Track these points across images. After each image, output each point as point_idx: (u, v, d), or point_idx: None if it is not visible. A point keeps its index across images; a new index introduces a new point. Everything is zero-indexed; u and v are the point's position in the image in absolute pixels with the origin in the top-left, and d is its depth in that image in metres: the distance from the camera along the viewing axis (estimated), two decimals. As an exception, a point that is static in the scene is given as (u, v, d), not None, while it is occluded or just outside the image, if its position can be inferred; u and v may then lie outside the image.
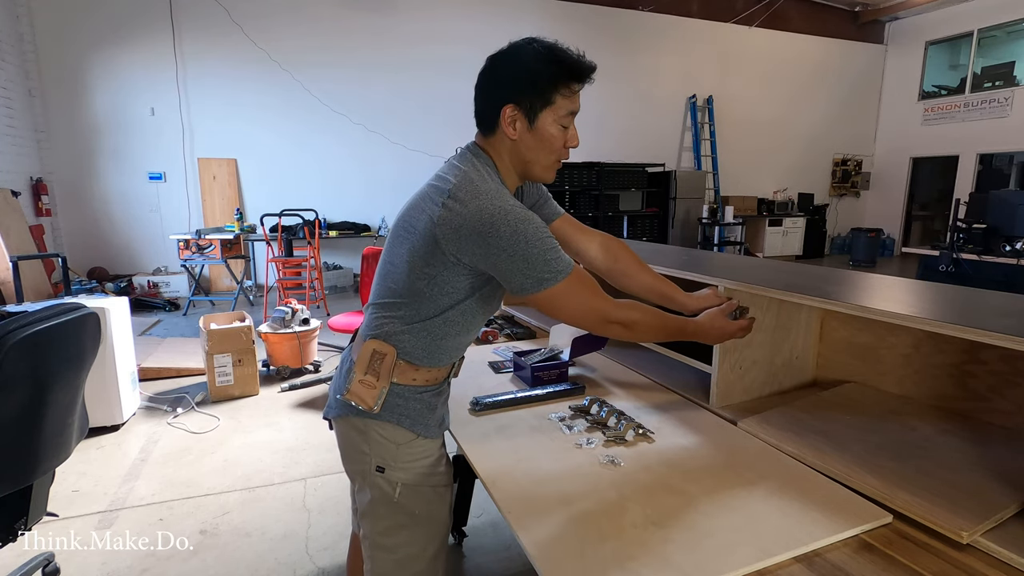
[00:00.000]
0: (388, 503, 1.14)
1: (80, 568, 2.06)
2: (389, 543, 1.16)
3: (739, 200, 10.59)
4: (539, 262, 1.03)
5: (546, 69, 1.05)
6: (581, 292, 1.08)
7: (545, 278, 1.04)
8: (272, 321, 4.10)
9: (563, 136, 1.11)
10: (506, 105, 1.07)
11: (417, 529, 1.16)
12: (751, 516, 0.97)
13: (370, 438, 1.13)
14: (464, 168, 1.09)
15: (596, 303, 1.09)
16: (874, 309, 1.06)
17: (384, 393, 1.11)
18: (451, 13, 8.39)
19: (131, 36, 7.05)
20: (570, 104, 1.09)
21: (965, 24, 10.33)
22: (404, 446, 1.13)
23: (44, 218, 6.73)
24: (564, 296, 1.06)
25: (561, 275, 1.05)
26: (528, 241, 1.02)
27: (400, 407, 1.13)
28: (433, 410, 1.17)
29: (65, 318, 1.50)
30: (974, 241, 5.25)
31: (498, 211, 1.02)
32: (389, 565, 1.16)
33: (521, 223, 1.02)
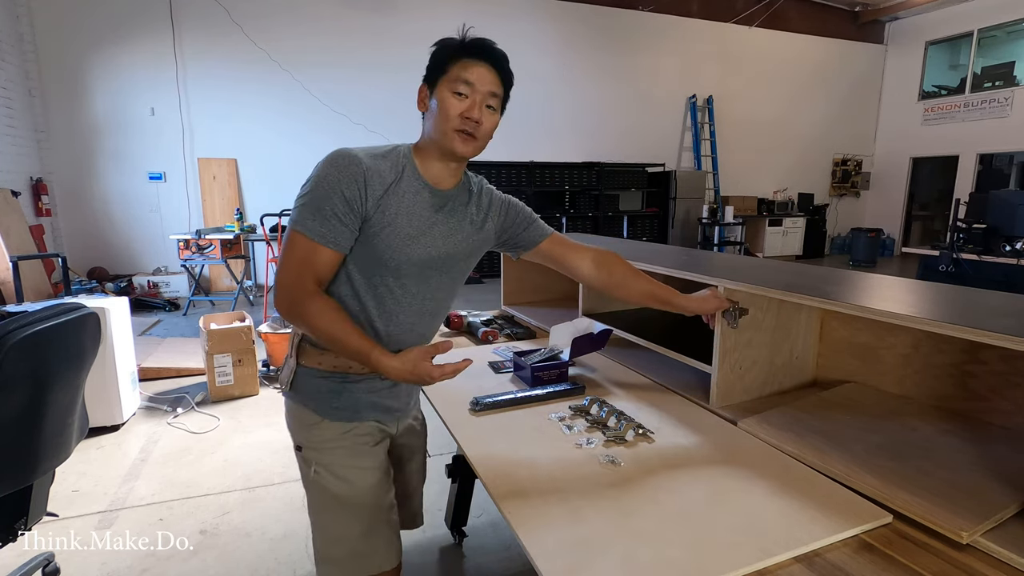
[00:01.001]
0: (308, 481, 1.22)
1: (80, 568, 2.06)
2: (318, 521, 1.22)
3: (739, 200, 10.60)
4: (303, 199, 1.09)
5: (443, 43, 1.17)
6: (295, 256, 1.09)
7: (298, 221, 1.08)
8: (272, 321, 4.10)
9: (459, 105, 1.13)
10: (421, 86, 1.18)
11: (340, 510, 1.19)
12: (751, 516, 0.97)
13: (290, 416, 1.24)
14: None
15: (303, 279, 1.08)
16: (874, 309, 1.06)
17: (292, 373, 1.20)
18: (451, 13, 8.39)
19: (131, 36, 7.05)
20: (460, 72, 1.13)
21: (965, 24, 10.33)
22: (313, 427, 1.20)
23: (44, 218, 6.74)
24: (290, 247, 1.09)
25: (307, 232, 1.07)
26: (315, 178, 1.09)
27: (305, 389, 1.20)
28: (338, 395, 1.19)
29: (65, 318, 1.50)
30: (974, 241, 5.25)
31: (336, 151, 1.11)
32: (321, 542, 1.22)
33: (328, 165, 1.09)
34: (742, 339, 1.42)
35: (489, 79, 1.16)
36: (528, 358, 1.67)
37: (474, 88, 1.13)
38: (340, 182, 1.07)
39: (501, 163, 8.63)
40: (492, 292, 7.54)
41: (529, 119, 9.18)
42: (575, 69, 9.37)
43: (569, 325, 1.75)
